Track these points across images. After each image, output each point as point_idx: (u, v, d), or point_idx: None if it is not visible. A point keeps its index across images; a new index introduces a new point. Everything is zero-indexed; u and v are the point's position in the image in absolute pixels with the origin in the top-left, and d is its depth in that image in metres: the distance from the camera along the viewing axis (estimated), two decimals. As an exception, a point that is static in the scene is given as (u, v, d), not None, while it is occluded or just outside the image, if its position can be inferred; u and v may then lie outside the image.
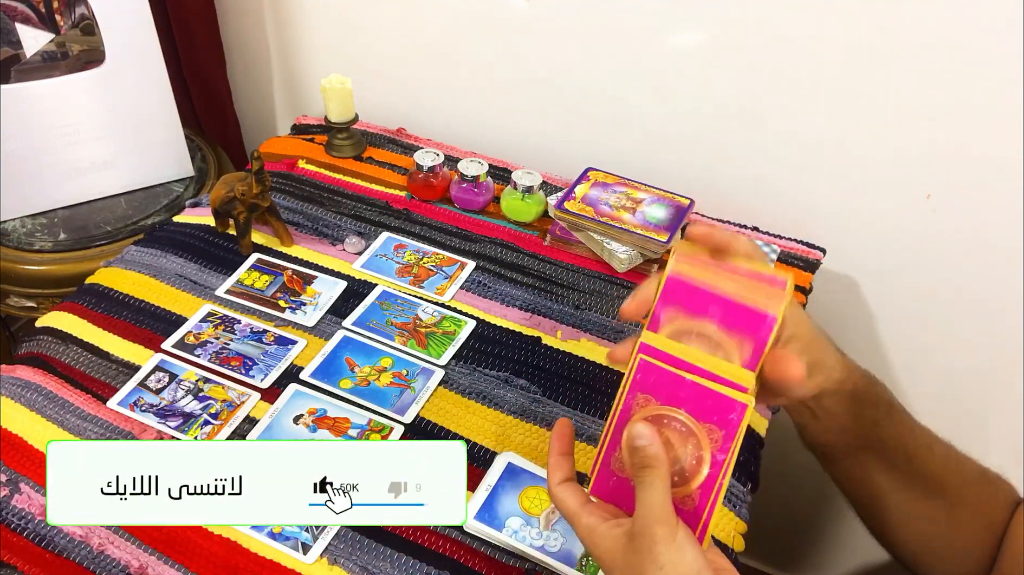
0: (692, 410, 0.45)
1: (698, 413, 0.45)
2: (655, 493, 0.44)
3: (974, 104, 0.84)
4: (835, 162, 0.95)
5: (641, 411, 0.46)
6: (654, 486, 0.44)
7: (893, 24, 0.83)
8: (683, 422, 0.45)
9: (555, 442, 0.51)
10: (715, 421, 0.45)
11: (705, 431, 0.45)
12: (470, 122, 1.14)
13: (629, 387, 0.46)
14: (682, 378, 0.45)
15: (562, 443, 0.51)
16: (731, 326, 0.46)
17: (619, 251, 0.88)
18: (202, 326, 0.80)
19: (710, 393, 0.45)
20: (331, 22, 1.16)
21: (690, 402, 0.45)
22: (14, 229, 1.05)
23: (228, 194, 0.86)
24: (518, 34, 1.03)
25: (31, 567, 0.60)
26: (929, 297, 0.99)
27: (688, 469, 0.45)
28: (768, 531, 1.28)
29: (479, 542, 0.64)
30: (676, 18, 0.93)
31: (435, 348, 0.79)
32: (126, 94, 1.04)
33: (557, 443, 0.51)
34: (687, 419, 0.45)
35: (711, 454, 0.45)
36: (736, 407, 0.44)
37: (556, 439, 0.51)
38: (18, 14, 1.00)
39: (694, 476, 0.45)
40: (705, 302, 0.46)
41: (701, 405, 0.45)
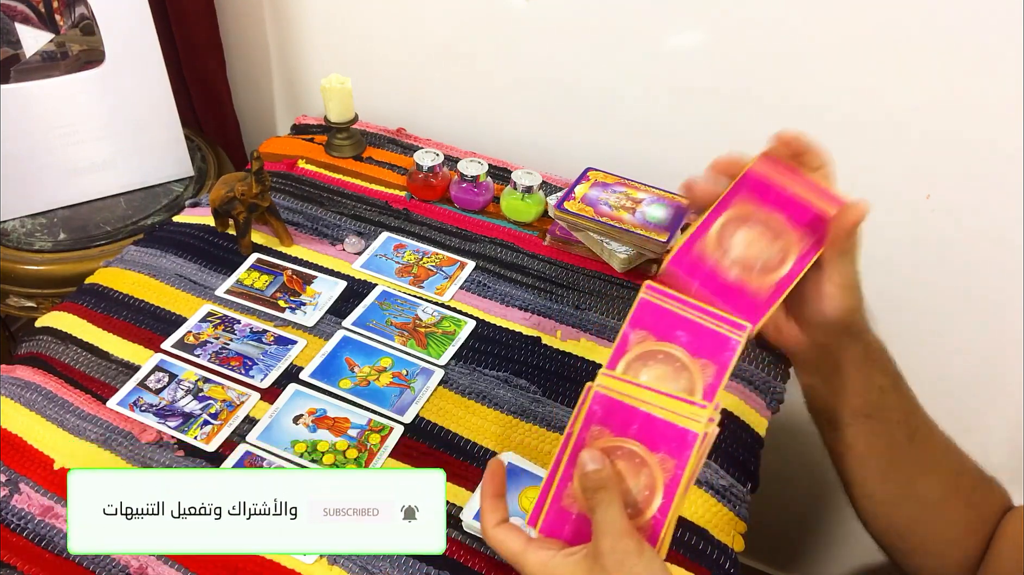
0: (645, 440, 0.46)
1: (651, 443, 0.46)
2: (614, 510, 0.44)
3: (974, 104, 0.84)
4: (835, 162, 0.95)
5: (595, 443, 0.46)
6: (612, 504, 0.44)
7: (893, 24, 0.83)
8: (635, 452, 0.46)
9: (488, 484, 0.50)
10: (667, 450, 0.45)
11: (657, 460, 0.46)
12: (470, 122, 1.14)
13: (583, 419, 0.47)
14: (635, 408, 0.46)
15: (495, 485, 0.50)
16: (697, 351, 0.47)
17: (619, 251, 0.88)
18: (202, 326, 0.80)
19: (663, 423, 0.45)
20: (331, 22, 1.16)
21: (643, 432, 0.46)
22: (14, 229, 1.05)
23: (228, 194, 0.86)
24: (518, 34, 1.03)
25: (31, 567, 0.60)
26: (929, 297, 0.99)
27: (641, 501, 0.46)
28: (768, 531, 1.28)
29: (479, 542, 0.64)
30: (676, 18, 0.93)
31: (435, 348, 0.79)
32: (126, 94, 1.04)
33: (491, 485, 0.50)
34: (639, 449, 0.46)
35: (664, 484, 0.45)
36: (688, 436, 0.45)
37: (489, 481, 0.50)
38: (18, 14, 1.00)
39: (647, 506, 0.46)
40: (673, 326, 0.47)
41: (653, 435, 0.46)
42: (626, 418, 0.46)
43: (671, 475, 0.45)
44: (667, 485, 0.45)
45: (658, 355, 0.47)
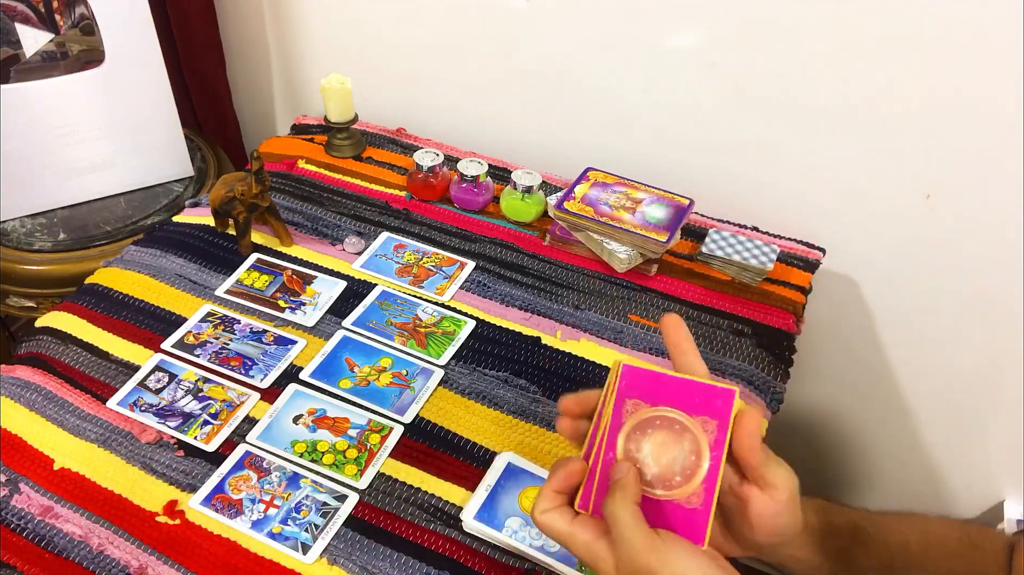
0: (683, 406, 0.46)
1: (689, 407, 0.46)
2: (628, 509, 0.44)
3: (974, 104, 0.84)
4: (835, 162, 0.95)
5: (633, 416, 0.46)
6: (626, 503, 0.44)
7: (893, 24, 0.83)
8: (676, 419, 0.46)
9: (556, 479, 0.47)
10: (708, 412, 0.45)
11: (699, 424, 0.45)
12: (470, 122, 1.14)
13: (616, 395, 0.46)
14: (668, 375, 0.46)
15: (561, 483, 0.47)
16: (693, 409, 0.46)
17: (619, 251, 0.88)
18: (202, 326, 0.80)
19: (697, 386, 0.45)
20: (331, 22, 1.16)
21: (679, 398, 0.46)
22: (14, 229, 1.05)
23: (228, 194, 0.86)
24: (518, 34, 1.03)
25: (31, 567, 0.60)
26: (929, 297, 0.99)
27: (689, 466, 0.46)
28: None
29: (479, 542, 0.64)
30: (676, 18, 0.93)
31: (435, 348, 0.79)
32: (126, 94, 1.04)
33: (558, 481, 0.47)
34: (680, 416, 0.46)
35: (708, 447, 0.45)
36: (725, 394, 0.45)
37: (563, 479, 0.47)
38: (18, 14, 1.00)
39: (695, 472, 0.45)
40: (662, 387, 0.46)
41: (691, 399, 0.45)
42: (659, 388, 0.46)
43: (714, 436, 0.45)
44: (712, 447, 0.45)
45: (655, 421, 0.46)
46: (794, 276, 0.91)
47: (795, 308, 0.87)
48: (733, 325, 0.84)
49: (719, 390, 0.45)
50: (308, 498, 0.66)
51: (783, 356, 0.82)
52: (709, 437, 0.45)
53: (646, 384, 0.46)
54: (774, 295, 0.88)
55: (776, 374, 0.80)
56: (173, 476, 0.67)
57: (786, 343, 0.83)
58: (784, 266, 0.92)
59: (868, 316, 1.05)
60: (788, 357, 0.83)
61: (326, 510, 0.65)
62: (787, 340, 0.83)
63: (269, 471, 0.68)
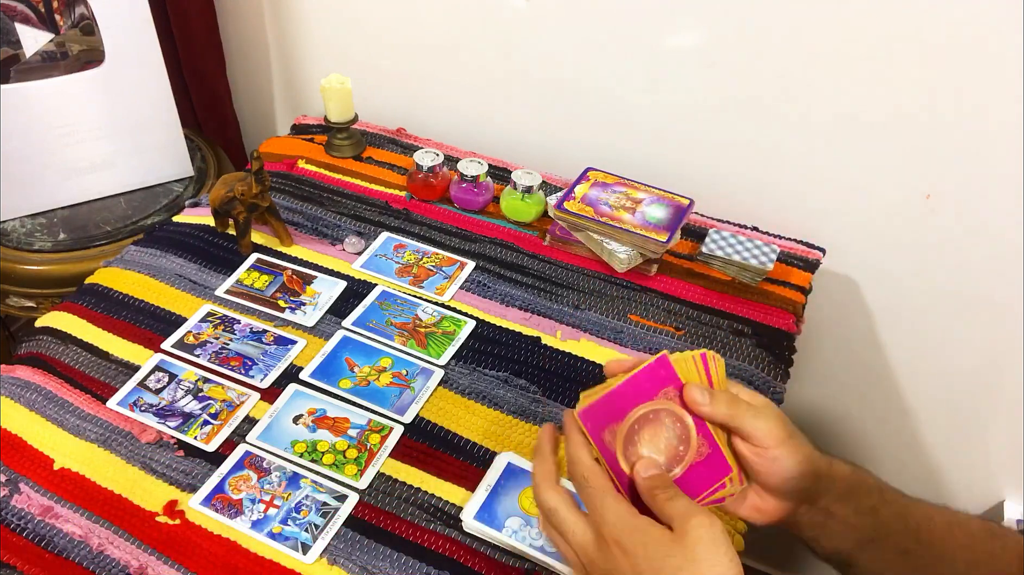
0: (641, 398, 0.48)
1: (646, 395, 0.47)
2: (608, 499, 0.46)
3: (974, 104, 0.84)
4: (835, 162, 0.95)
5: (616, 438, 0.48)
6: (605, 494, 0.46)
7: (893, 25, 0.83)
8: (646, 412, 0.48)
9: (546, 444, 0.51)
10: (661, 385, 0.48)
11: (663, 399, 0.48)
12: (470, 122, 1.14)
13: (593, 438, 0.48)
14: (613, 389, 0.47)
15: (550, 444, 0.51)
16: (649, 394, 0.48)
17: (619, 251, 0.88)
18: (202, 326, 0.80)
19: (636, 376, 0.47)
20: (331, 22, 1.16)
21: (633, 397, 0.48)
22: (14, 229, 1.05)
23: (228, 194, 0.86)
24: (518, 34, 1.03)
25: (31, 567, 0.60)
26: (929, 297, 0.99)
27: (681, 434, 0.48)
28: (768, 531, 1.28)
29: (479, 542, 0.64)
30: (676, 18, 0.93)
31: (435, 348, 0.79)
32: (126, 94, 1.04)
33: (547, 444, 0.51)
34: (646, 407, 0.48)
35: (682, 408, 0.48)
36: (660, 363, 0.47)
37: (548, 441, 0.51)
38: (18, 14, 1.00)
39: (688, 433, 0.48)
40: (618, 400, 0.48)
41: (641, 389, 0.47)
42: (614, 404, 0.48)
43: (680, 398, 0.48)
44: (685, 406, 0.48)
45: (634, 427, 0.48)
46: (794, 276, 0.91)
47: (795, 308, 0.87)
48: (733, 325, 0.84)
49: (653, 364, 0.47)
50: (308, 498, 0.66)
51: (783, 356, 0.82)
52: (677, 401, 0.48)
53: (603, 410, 0.48)
54: (774, 295, 0.88)
55: (776, 374, 0.80)
56: (173, 476, 0.67)
57: (786, 343, 0.83)
58: (784, 266, 0.92)
59: (868, 316, 1.05)
60: (788, 357, 0.83)
61: (326, 510, 0.65)
62: (787, 340, 0.83)
63: (269, 471, 0.68)
